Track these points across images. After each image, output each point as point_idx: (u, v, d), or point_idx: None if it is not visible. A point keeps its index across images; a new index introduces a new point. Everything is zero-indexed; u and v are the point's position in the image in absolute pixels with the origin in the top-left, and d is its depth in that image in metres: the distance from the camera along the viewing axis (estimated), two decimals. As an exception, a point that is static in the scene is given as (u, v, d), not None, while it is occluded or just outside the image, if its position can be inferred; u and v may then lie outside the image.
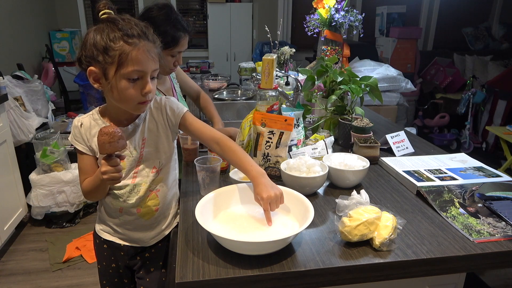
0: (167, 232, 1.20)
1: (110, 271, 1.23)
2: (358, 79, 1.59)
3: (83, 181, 1.06)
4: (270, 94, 1.32)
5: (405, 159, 1.40)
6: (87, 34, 0.95)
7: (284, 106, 1.50)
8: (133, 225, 1.14)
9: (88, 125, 1.05)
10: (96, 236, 1.22)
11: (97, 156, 1.06)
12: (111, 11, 0.97)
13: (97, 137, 0.90)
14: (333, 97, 1.53)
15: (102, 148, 0.89)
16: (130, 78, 0.93)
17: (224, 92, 2.60)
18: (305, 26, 1.99)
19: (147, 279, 1.20)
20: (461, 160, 1.39)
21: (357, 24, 1.88)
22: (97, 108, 1.08)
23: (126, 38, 0.92)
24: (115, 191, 1.08)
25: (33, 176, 2.54)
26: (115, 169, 0.92)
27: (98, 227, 1.20)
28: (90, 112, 1.07)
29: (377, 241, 0.87)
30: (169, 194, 1.16)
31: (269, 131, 1.23)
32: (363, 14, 1.91)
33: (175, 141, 1.16)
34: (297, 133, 1.37)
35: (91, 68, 0.94)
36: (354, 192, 1.01)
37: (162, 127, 1.09)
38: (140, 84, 0.95)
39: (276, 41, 1.93)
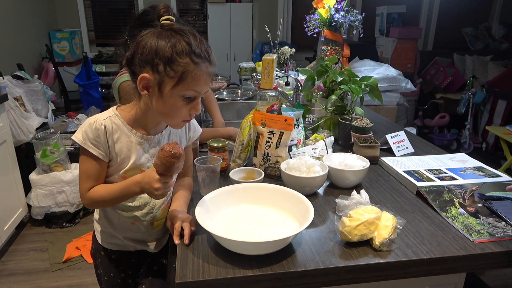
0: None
1: (118, 281, 1.21)
2: (358, 79, 1.59)
3: (90, 189, 0.96)
4: (270, 94, 1.32)
5: (405, 159, 1.40)
6: (143, 35, 0.89)
7: (284, 106, 1.50)
8: (143, 236, 1.12)
9: (111, 129, 0.96)
10: (100, 248, 1.18)
11: (113, 164, 0.98)
12: (173, 18, 0.93)
13: (164, 157, 0.84)
14: (333, 97, 1.53)
15: (168, 169, 0.85)
16: (185, 96, 0.90)
17: (224, 92, 2.60)
18: (305, 26, 1.99)
19: (150, 278, 1.20)
20: (461, 160, 1.39)
21: (357, 24, 1.88)
22: (114, 109, 0.99)
23: (193, 56, 0.87)
24: (129, 204, 1.05)
25: (33, 176, 2.54)
26: (168, 184, 0.89)
27: (104, 241, 1.15)
28: (107, 114, 0.98)
29: (377, 241, 0.87)
30: None
31: (269, 131, 1.23)
32: (363, 14, 1.91)
33: None
34: (297, 133, 1.37)
35: (145, 74, 0.88)
36: (354, 192, 1.01)
37: (182, 141, 1.10)
38: (191, 104, 0.92)
39: (276, 41, 1.93)
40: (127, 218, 1.07)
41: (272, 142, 1.23)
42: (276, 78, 1.98)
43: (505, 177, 1.24)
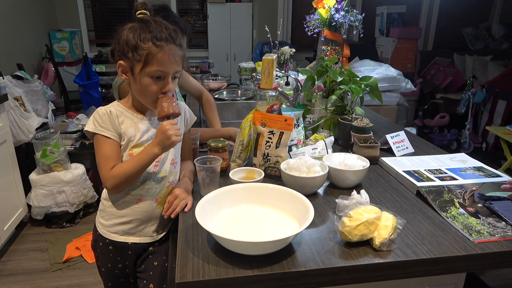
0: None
1: (116, 272, 1.23)
2: (358, 79, 1.59)
3: (112, 168, 1.04)
4: (270, 94, 1.32)
5: (405, 159, 1.40)
6: (122, 30, 1.04)
7: (284, 106, 1.50)
8: (147, 215, 1.15)
9: (116, 113, 1.10)
10: (99, 239, 1.20)
11: (122, 143, 1.09)
12: (147, 12, 1.08)
13: (161, 102, 1.03)
14: (333, 97, 1.53)
15: (169, 107, 1.02)
16: (153, 76, 1.03)
17: (224, 92, 2.60)
18: (305, 26, 1.99)
19: (150, 273, 1.20)
20: (461, 160, 1.39)
21: (357, 24, 1.88)
22: (117, 101, 1.15)
23: (154, 40, 1.00)
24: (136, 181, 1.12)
25: (33, 176, 2.54)
26: (176, 126, 1.03)
27: (103, 230, 1.19)
28: (111, 104, 1.13)
29: (377, 241, 0.87)
30: None
31: (269, 131, 1.23)
32: (363, 14, 1.91)
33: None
34: (297, 133, 1.37)
35: (121, 62, 1.06)
36: (354, 192, 1.01)
37: (180, 123, 1.18)
38: (161, 82, 1.04)
39: (276, 41, 1.93)
40: (133, 197, 1.13)
41: (272, 142, 1.23)
42: (276, 78, 1.98)
43: (505, 177, 1.24)
